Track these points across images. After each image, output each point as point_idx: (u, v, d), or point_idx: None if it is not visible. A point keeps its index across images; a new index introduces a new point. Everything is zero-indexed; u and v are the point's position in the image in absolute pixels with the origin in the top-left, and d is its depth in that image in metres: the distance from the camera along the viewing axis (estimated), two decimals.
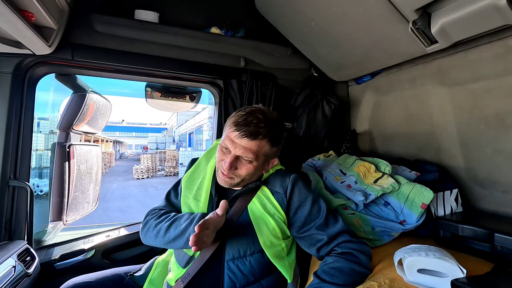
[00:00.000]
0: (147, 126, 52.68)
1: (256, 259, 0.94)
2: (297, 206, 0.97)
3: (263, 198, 0.98)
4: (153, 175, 16.45)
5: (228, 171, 0.91)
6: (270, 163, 1.01)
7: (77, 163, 1.63)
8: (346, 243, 0.91)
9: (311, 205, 0.96)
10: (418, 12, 1.02)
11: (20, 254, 1.16)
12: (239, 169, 0.92)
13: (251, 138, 0.88)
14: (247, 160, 0.90)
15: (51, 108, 8.80)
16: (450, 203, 1.21)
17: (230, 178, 0.93)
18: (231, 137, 0.90)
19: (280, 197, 0.97)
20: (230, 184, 0.95)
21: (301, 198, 0.97)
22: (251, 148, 0.89)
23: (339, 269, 0.84)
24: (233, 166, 0.91)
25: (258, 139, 0.89)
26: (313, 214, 0.96)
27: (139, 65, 1.52)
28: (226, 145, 0.91)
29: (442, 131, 1.39)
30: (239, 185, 0.97)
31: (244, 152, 0.89)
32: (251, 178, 0.97)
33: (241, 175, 0.93)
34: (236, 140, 0.89)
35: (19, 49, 1.17)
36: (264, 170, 1.01)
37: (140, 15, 1.50)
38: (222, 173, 0.94)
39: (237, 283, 0.91)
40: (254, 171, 0.93)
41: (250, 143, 0.88)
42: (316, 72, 1.87)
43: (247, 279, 0.92)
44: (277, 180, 1.01)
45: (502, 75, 1.12)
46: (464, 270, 0.72)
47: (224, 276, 0.92)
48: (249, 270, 0.93)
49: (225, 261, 0.93)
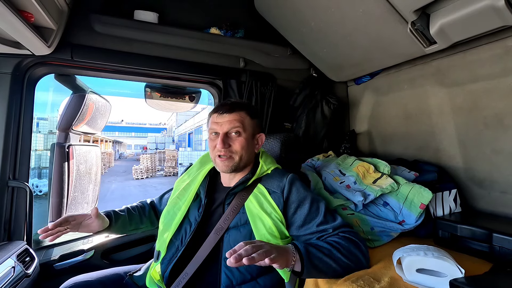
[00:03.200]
0: (146, 126, 52.65)
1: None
2: (296, 206, 0.97)
3: (260, 196, 0.99)
4: (153, 175, 16.43)
5: (224, 149, 0.98)
6: (259, 140, 1.08)
7: (76, 163, 1.62)
8: (349, 232, 0.92)
9: (310, 205, 0.97)
10: (417, 13, 1.03)
11: (19, 254, 1.16)
12: (232, 145, 1.00)
13: (230, 111, 1.00)
14: (236, 133, 0.99)
15: (51, 108, 8.79)
16: (449, 203, 1.21)
17: (229, 158, 0.99)
18: (214, 119, 1.02)
19: (277, 196, 0.99)
20: (231, 166, 1.00)
21: (299, 197, 0.98)
22: (234, 119, 1.00)
23: (338, 243, 0.85)
24: (225, 143, 0.98)
25: (236, 111, 1.01)
26: (312, 213, 0.96)
27: (139, 66, 1.52)
28: (214, 129, 1.01)
29: (441, 132, 1.40)
30: (239, 165, 1.02)
31: (230, 124, 0.99)
32: (247, 156, 1.03)
33: (237, 151, 1.00)
34: (219, 119, 1.01)
35: (18, 49, 1.17)
36: (255, 149, 1.08)
37: (140, 16, 1.50)
38: (219, 156, 1.00)
39: (234, 281, 0.91)
40: (246, 144, 1.01)
41: (231, 115, 1.00)
42: (316, 73, 1.88)
43: (244, 277, 0.92)
44: (274, 180, 1.03)
45: (501, 75, 1.12)
46: (462, 270, 0.72)
47: (221, 274, 0.92)
48: (246, 268, 0.92)
49: (222, 259, 0.94)
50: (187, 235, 0.99)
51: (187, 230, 1.01)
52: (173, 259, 0.98)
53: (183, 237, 1.00)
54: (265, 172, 1.06)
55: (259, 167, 1.05)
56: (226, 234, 0.96)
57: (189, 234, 0.99)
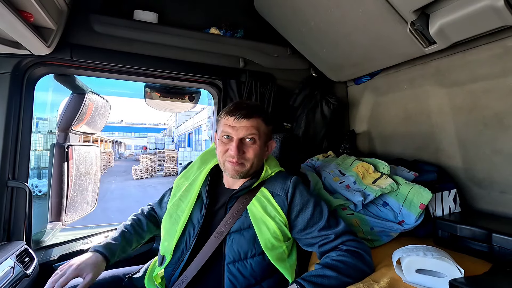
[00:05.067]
0: (146, 126, 52.59)
1: (257, 262, 0.93)
2: (299, 210, 0.97)
3: (263, 200, 0.98)
4: (152, 175, 16.42)
5: (237, 156, 0.94)
6: (270, 147, 1.05)
7: (76, 163, 1.62)
8: (351, 242, 0.91)
9: (313, 209, 0.96)
10: (417, 13, 1.03)
11: (18, 254, 1.16)
12: (246, 153, 0.96)
13: (248, 117, 0.95)
14: (251, 139, 0.95)
15: (50, 109, 8.77)
16: (448, 203, 1.21)
17: (240, 164, 0.96)
18: (229, 123, 0.95)
19: (281, 199, 0.97)
20: (241, 172, 0.97)
21: (303, 201, 0.97)
22: (251, 125, 0.95)
23: (343, 262, 0.85)
24: (240, 149, 0.94)
25: (254, 117, 0.96)
26: (315, 217, 0.96)
27: (138, 66, 1.52)
28: (227, 132, 0.95)
29: (441, 132, 1.40)
30: (249, 172, 0.99)
31: (247, 131, 0.94)
32: (258, 163, 0.99)
33: (250, 158, 0.96)
34: (235, 124, 0.95)
35: (18, 49, 1.17)
36: (264, 156, 1.04)
37: (139, 16, 1.50)
38: (230, 162, 0.96)
39: (238, 286, 0.91)
40: (260, 152, 0.98)
41: (249, 122, 0.95)
42: (315, 73, 1.88)
43: (248, 282, 0.91)
44: (278, 183, 1.01)
45: (501, 75, 1.12)
46: (462, 270, 0.73)
47: (225, 279, 0.91)
48: (250, 272, 0.92)
49: (225, 264, 0.92)
50: (191, 238, 0.97)
51: (191, 233, 0.98)
52: (180, 263, 0.95)
53: (187, 240, 0.97)
54: (269, 175, 1.04)
55: (263, 171, 1.03)
56: (228, 238, 0.94)
57: (193, 237, 0.97)
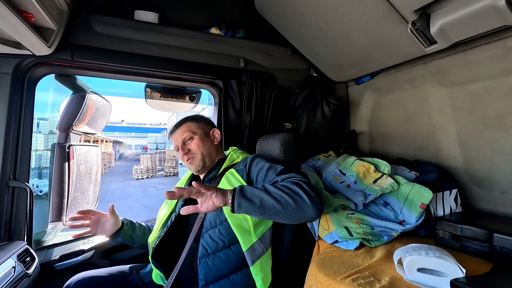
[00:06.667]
0: (146, 126, 52.53)
1: (224, 226, 1.06)
2: (256, 173, 1.10)
3: (230, 177, 1.13)
4: (153, 175, 16.44)
5: (186, 156, 1.20)
6: (215, 133, 1.29)
7: (76, 163, 1.62)
8: (297, 179, 0.95)
9: (267, 169, 1.08)
10: (418, 13, 1.03)
11: (19, 254, 1.16)
12: (190, 149, 1.21)
13: (177, 127, 1.26)
14: (189, 139, 1.22)
15: (51, 109, 8.80)
16: (449, 203, 1.21)
17: (191, 159, 1.20)
18: (171, 139, 1.27)
19: (242, 171, 1.13)
20: (198, 165, 1.20)
21: (258, 166, 1.12)
22: (182, 131, 1.23)
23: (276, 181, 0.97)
24: (184, 150, 1.21)
25: (182, 124, 1.25)
26: (270, 175, 1.06)
27: (139, 66, 1.52)
28: (175, 146, 1.26)
29: (441, 132, 1.40)
30: (205, 163, 1.21)
31: (181, 136, 1.22)
32: (207, 151, 1.22)
33: (195, 150, 1.21)
34: (173, 138, 1.26)
35: (18, 49, 1.17)
36: (215, 142, 1.27)
37: (140, 16, 1.50)
38: (186, 162, 1.22)
39: (209, 250, 1.05)
40: (202, 142, 1.22)
41: (180, 129, 1.24)
42: (316, 73, 1.88)
43: (217, 245, 1.05)
44: (241, 162, 1.20)
45: (501, 75, 1.12)
46: (463, 270, 0.72)
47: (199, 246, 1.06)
48: (219, 236, 1.06)
49: (201, 233, 1.08)
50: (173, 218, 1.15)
51: (172, 218, 1.16)
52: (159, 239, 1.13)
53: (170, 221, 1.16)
54: (235, 161, 1.23)
55: (228, 157, 1.23)
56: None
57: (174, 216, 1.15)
